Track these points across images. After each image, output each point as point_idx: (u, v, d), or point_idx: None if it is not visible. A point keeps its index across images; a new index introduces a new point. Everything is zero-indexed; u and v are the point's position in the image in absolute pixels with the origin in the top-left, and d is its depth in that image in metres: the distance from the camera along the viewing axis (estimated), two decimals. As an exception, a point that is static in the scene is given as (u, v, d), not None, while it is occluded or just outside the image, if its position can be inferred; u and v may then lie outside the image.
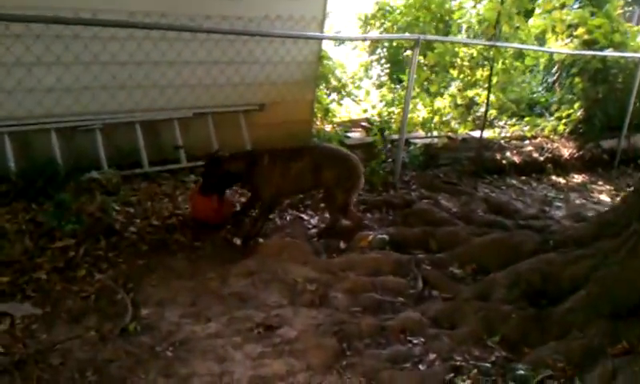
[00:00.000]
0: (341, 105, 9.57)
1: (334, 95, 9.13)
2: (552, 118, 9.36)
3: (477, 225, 5.36)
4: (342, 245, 4.79)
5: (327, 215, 5.17)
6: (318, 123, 8.44)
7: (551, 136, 9.07)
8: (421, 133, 8.12)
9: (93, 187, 5.38)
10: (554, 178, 8.08)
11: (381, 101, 9.58)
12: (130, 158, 6.06)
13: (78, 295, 3.67)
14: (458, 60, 8.24)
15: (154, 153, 6.19)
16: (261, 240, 4.73)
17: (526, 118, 9.31)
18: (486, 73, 7.78)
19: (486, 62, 7.90)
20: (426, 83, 8.09)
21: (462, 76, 8.36)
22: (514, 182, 7.56)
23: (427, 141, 7.79)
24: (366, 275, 4.30)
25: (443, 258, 4.65)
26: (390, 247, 4.77)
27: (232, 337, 3.41)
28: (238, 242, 4.66)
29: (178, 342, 3.31)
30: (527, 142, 8.82)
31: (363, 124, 8.68)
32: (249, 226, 4.81)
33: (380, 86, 11.56)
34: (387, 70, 11.94)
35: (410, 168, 7.19)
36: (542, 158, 8.35)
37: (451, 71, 8.43)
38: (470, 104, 8.64)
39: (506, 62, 7.90)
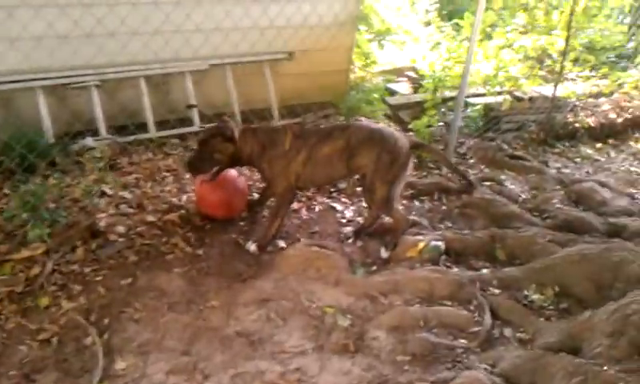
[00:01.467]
0: (382, 47, 8.36)
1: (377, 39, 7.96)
2: (635, 70, 7.93)
3: (555, 223, 4.29)
4: (384, 253, 3.75)
5: (365, 205, 4.15)
6: (357, 72, 7.30)
7: (630, 92, 7.66)
8: (480, 90, 6.85)
9: (85, 160, 4.50)
10: (632, 144, 6.80)
11: (428, 42, 8.32)
12: (132, 120, 5.13)
13: (36, 338, 2.76)
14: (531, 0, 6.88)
15: (162, 114, 5.25)
16: (282, 244, 3.75)
17: (602, 70, 7.90)
18: (563, 18, 6.42)
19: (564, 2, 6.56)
20: (489, 29, 6.77)
21: (533, 21, 7.01)
22: (590, 151, 6.35)
23: (488, 100, 6.51)
24: (415, 301, 3.32)
25: (516, 276, 3.59)
26: (446, 257, 3.76)
27: (234, 410, 2.50)
28: (252, 247, 3.66)
29: (158, 420, 2.41)
30: (603, 99, 7.47)
31: (409, 73, 7.49)
32: (265, 227, 3.78)
33: (427, 23, 10.26)
34: (437, 5, 10.60)
35: (466, 134, 6.04)
36: (620, 120, 7.03)
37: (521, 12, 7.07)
38: (542, 56, 7.29)
39: (591, 3, 6.50)
